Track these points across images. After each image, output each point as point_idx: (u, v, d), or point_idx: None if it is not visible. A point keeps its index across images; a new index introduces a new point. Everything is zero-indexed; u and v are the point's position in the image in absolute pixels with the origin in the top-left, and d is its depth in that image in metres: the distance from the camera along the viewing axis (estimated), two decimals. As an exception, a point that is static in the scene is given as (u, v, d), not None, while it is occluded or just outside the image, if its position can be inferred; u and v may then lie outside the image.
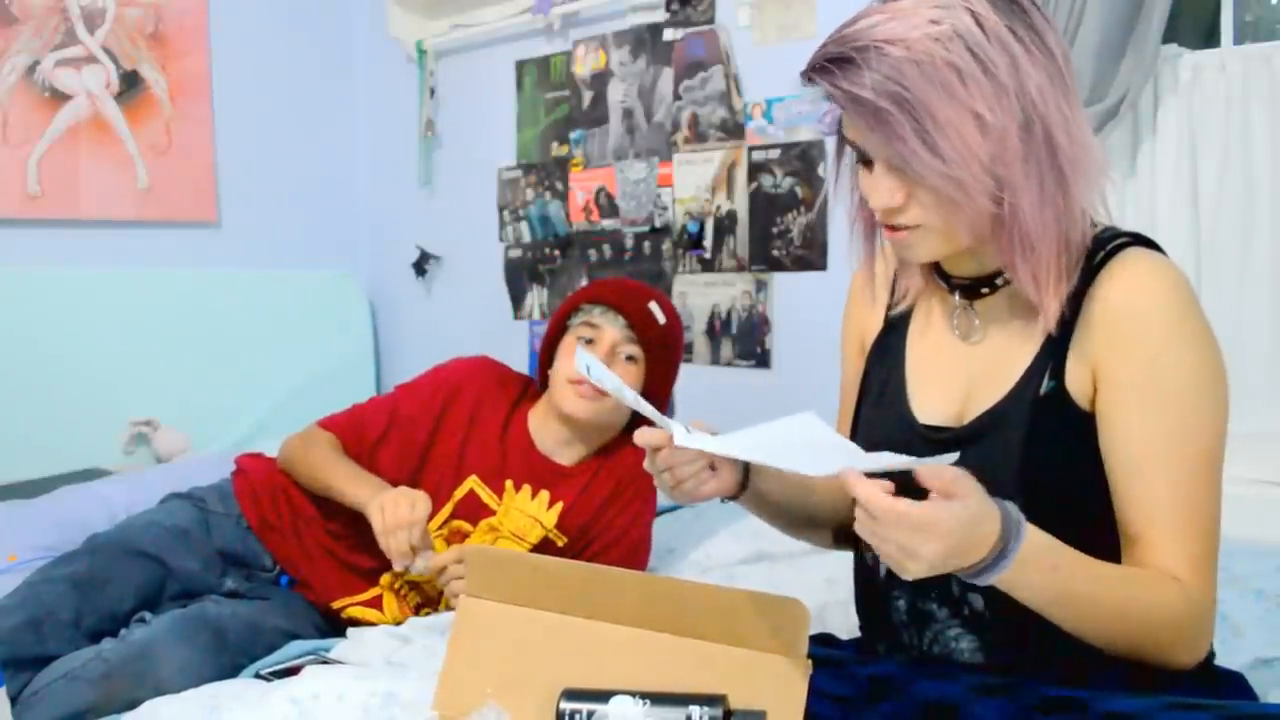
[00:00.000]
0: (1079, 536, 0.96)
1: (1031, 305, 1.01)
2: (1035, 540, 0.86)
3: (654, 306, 1.69)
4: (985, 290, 1.04)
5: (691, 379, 2.72)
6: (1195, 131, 2.05)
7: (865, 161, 0.98)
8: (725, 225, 2.65)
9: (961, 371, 1.06)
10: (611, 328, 1.67)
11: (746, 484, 1.10)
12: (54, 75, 2.84)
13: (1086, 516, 0.96)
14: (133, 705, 1.36)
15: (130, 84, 2.97)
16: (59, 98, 2.84)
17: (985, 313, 1.05)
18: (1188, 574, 0.93)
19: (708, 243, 2.68)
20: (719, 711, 0.86)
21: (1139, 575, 0.94)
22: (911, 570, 0.82)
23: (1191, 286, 0.97)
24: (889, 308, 1.17)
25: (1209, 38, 2.13)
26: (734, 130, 2.61)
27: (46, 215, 2.83)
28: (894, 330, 1.15)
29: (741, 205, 2.61)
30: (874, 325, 1.19)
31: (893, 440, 1.08)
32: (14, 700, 1.43)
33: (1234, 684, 1.04)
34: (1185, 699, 0.88)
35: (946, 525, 0.80)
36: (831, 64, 0.91)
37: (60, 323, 2.75)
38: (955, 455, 0.82)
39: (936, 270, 1.09)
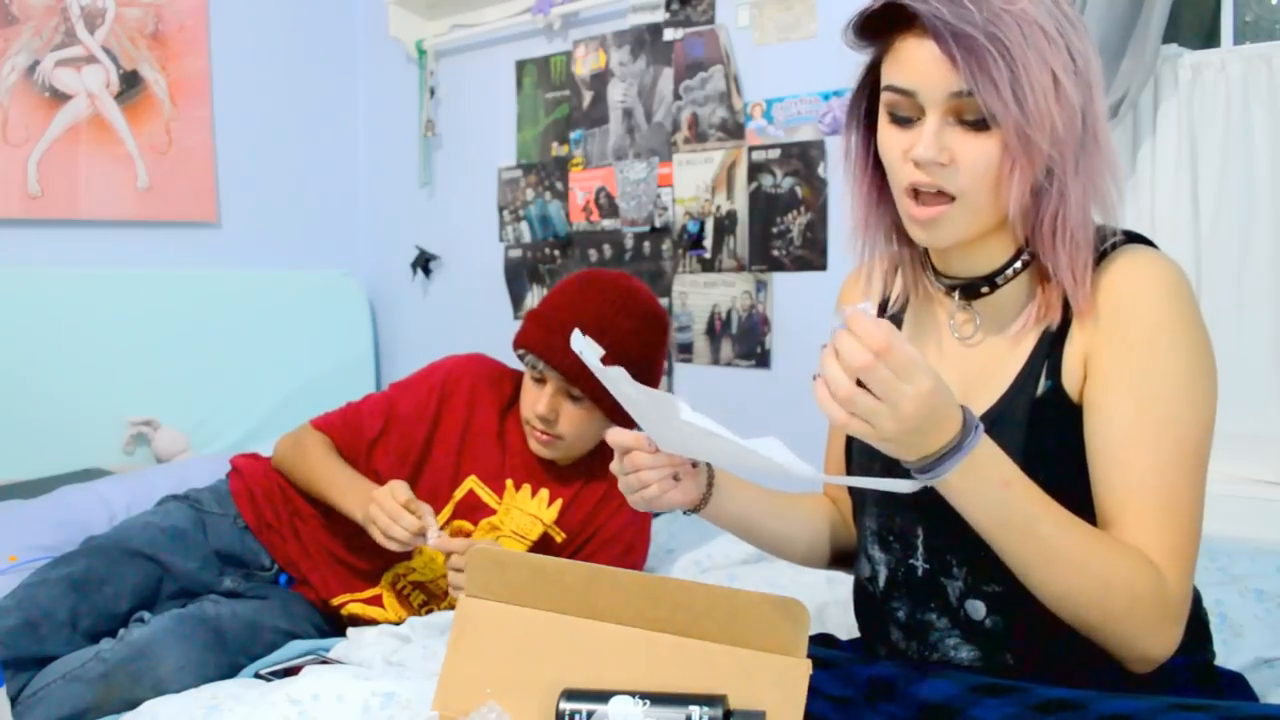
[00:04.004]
0: None
1: (1027, 305, 1.01)
2: (991, 449, 0.86)
3: (579, 340, 1.58)
4: (984, 290, 1.04)
5: (692, 379, 2.72)
6: (1195, 131, 2.05)
7: (900, 119, 0.96)
8: (725, 225, 2.65)
9: (957, 373, 1.06)
10: (551, 373, 1.62)
11: (709, 497, 1.11)
12: (54, 75, 2.84)
13: (1087, 516, 0.96)
14: (132, 705, 1.36)
15: (130, 84, 2.97)
16: (59, 98, 2.84)
17: (982, 313, 1.05)
18: (1163, 561, 0.91)
19: (708, 243, 2.68)
20: (719, 711, 0.86)
21: (1108, 538, 0.92)
22: (880, 430, 0.81)
23: (1189, 282, 0.97)
24: (882, 311, 1.17)
25: (1209, 38, 2.12)
26: (734, 130, 2.61)
27: (46, 215, 2.83)
28: None
29: (741, 205, 2.61)
30: None
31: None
32: (13, 701, 1.42)
33: (1234, 684, 1.04)
34: (1185, 700, 0.88)
35: (926, 383, 0.80)
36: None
37: (60, 323, 2.75)
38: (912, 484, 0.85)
39: (931, 271, 1.08)
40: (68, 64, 2.86)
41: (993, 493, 0.87)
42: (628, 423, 1.67)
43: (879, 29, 0.97)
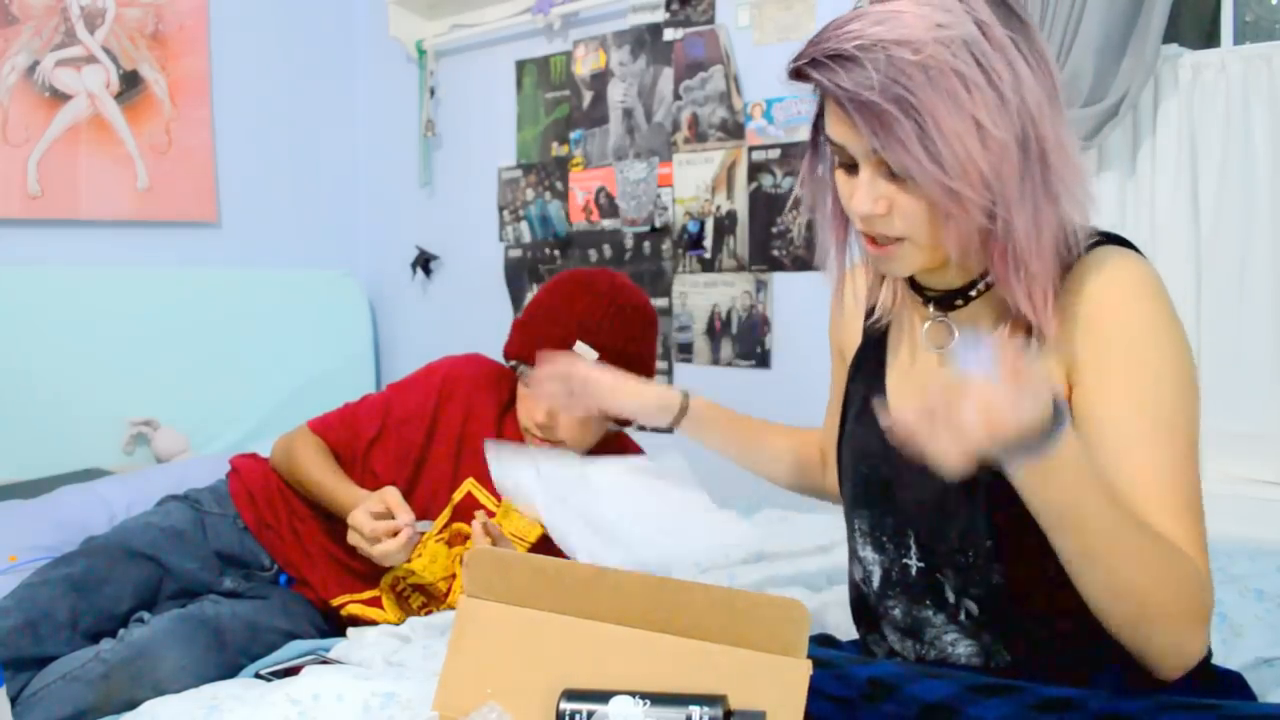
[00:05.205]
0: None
1: (1005, 314, 1.00)
2: (1074, 442, 0.83)
3: (580, 349, 1.58)
4: (959, 302, 1.04)
5: (692, 379, 2.72)
6: (1195, 131, 2.05)
7: (846, 165, 0.96)
8: (725, 225, 2.65)
9: (938, 381, 1.05)
10: None
11: (680, 420, 1.30)
12: (54, 75, 2.84)
13: None
14: (132, 705, 1.35)
15: (130, 84, 2.97)
16: (59, 98, 2.84)
17: (960, 324, 1.05)
18: (1191, 552, 0.91)
19: (708, 243, 2.68)
20: (719, 712, 0.86)
21: (1160, 533, 0.89)
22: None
23: (1161, 279, 0.97)
24: (869, 318, 1.17)
25: (1209, 38, 2.13)
26: (734, 130, 2.61)
27: (46, 215, 2.83)
28: (874, 344, 1.15)
29: (741, 205, 2.61)
30: (853, 338, 1.19)
31: (872, 453, 1.09)
32: (13, 701, 1.42)
33: (1233, 684, 1.04)
34: (1183, 700, 0.88)
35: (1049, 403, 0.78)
36: (831, 60, 0.88)
37: (60, 323, 2.75)
38: None
39: (910, 283, 1.08)
40: (68, 64, 2.86)
41: (1070, 483, 0.84)
42: (624, 420, 1.69)
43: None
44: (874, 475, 1.09)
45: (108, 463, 2.71)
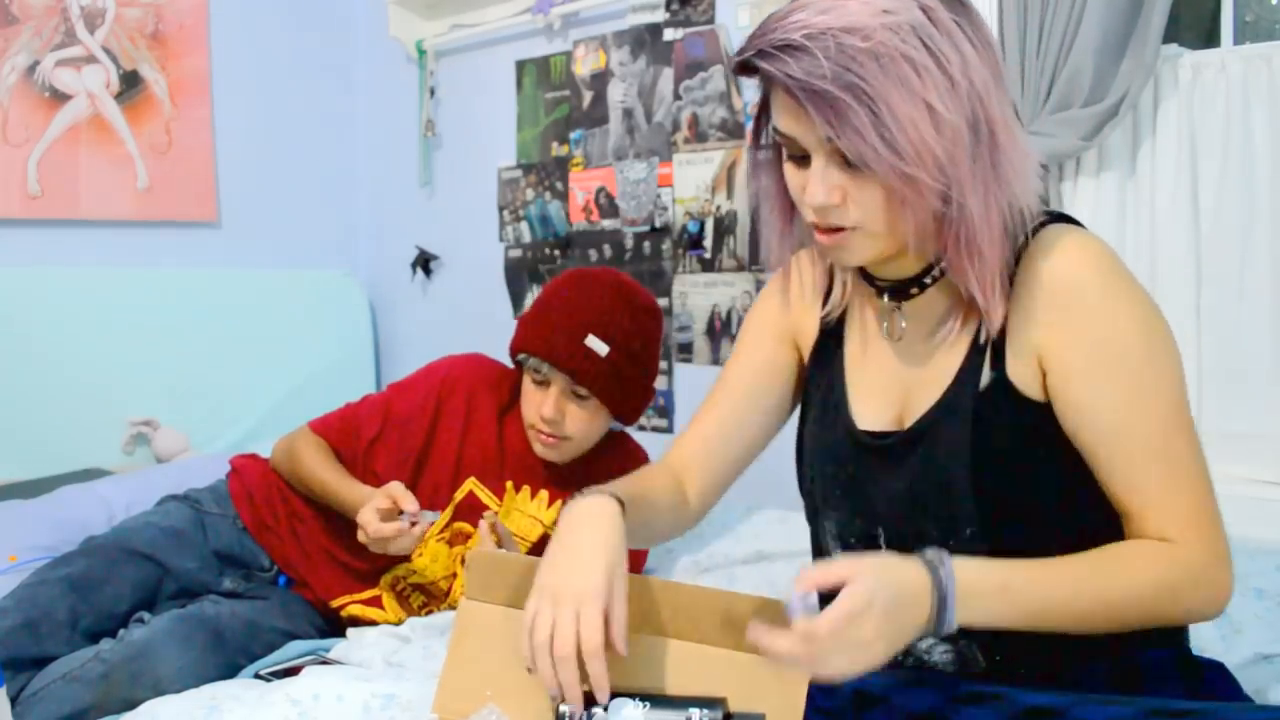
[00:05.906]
0: (1037, 528, 0.95)
1: (959, 302, 1.00)
2: (969, 569, 0.87)
3: (592, 341, 1.59)
4: (914, 291, 1.03)
5: (691, 379, 2.72)
6: (1195, 131, 2.05)
7: (795, 157, 0.95)
8: (725, 225, 2.65)
9: (897, 374, 1.05)
10: (556, 374, 1.62)
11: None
12: (54, 75, 2.83)
13: (1042, 507, 0.96)
14: (132, 705, 1.36)
15: (130, 84, 2.97)
16: (59, 98, 2.84)
17: (914, 313, 1.04)
18: (1181, 531, 0.91)
19: (708, 243, 2.68)
20: (719, 714, 0.87)
21: (1108, 557, 0.92)
22: (874, 658, 0.82)
23: (1115, 253, 0.97)
24: (824, 312, 1.15)
25: (1209, 38, 2.12)
26: (734, 130, 2.61)
27: (46, 215, 2.83)
28: (831, 338, 1.14)
29: (741, 205, 2.61)
30: (808, 330, 1.17)
31: (840, 453, 1.07)
32: (13, 701, 1.43)
33: (1216, 674, 1.03)
34: (1164, 704, 0.87)
35: (868, 600, 0.81)
36: (780, 50, 0.87)
37: (60, 323, 2.75)
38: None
39: (862, 274, 1.07)
40: (68, 64, 2.86)
41: (999, 603, 0.88)
42: (631, 417, 1.69)
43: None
44: (842, 475, 1.07)
45: (108, 463, 2.71)
